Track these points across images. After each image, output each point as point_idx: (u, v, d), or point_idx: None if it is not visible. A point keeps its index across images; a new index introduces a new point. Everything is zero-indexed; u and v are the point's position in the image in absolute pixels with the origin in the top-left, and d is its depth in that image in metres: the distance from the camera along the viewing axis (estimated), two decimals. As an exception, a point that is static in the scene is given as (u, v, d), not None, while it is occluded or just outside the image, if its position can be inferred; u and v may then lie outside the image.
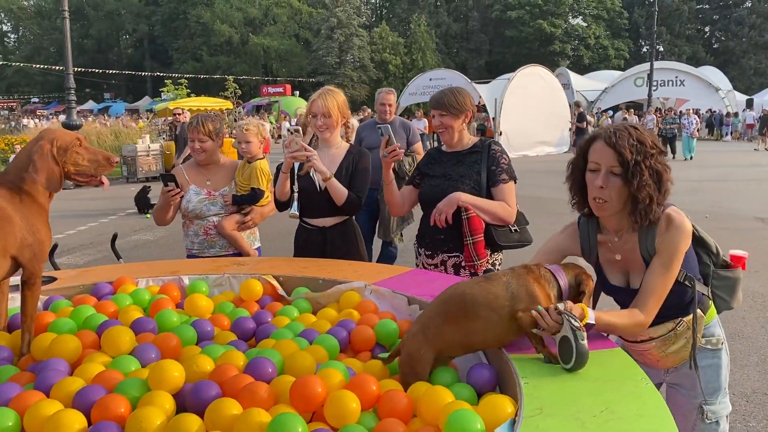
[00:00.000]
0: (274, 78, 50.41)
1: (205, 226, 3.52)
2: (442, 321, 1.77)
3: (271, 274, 2.62)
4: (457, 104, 2.95)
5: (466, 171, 2.95)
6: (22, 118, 34.33)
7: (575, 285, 1.83)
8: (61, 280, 2.61)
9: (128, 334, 1.86)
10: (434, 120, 3.02)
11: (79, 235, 9.23)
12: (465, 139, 3.03)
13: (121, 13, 59.01)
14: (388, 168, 2.98)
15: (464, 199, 2.81)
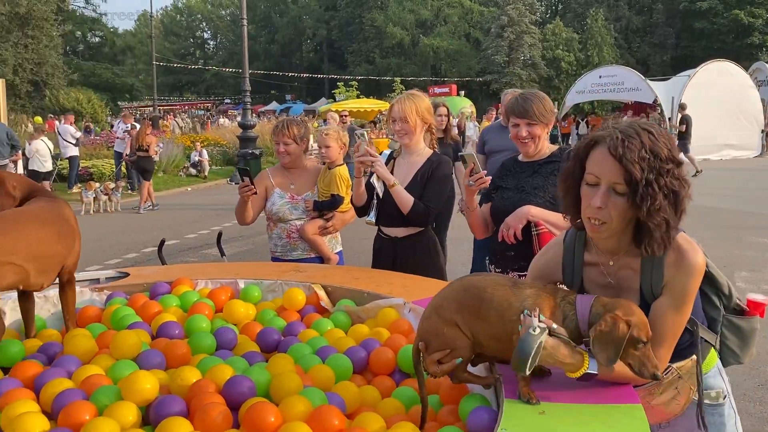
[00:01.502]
0: (443, 78, 50.67)
1: (288, 229, 3.58)
2: (456, 308, 1.62)
3: (321, 284, 2.57)
4: (546, 111, 2.71)
5: (541, 182, 2.69)
6: (219, 118, 37.79)
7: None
8: (132, 277, 2.77)
9: (135, 338, 1.90)
10: (519, 130, 2.76)
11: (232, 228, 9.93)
12: (545, 148, 2.78)
13: (303, 19, 62.82)
14: (472, 195, 2.79)
15: (534, 213, 2.56)
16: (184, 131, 26.70)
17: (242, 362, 1.92)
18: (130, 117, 14.97)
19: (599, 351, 1.47)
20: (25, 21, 37.20)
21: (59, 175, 14.97)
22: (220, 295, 2.51)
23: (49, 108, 33.96)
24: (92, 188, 12.16)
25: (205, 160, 17.80)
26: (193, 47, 72.64)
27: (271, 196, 3.62)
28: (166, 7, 74.78)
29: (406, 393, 1.85)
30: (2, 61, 36.13)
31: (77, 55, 53.53)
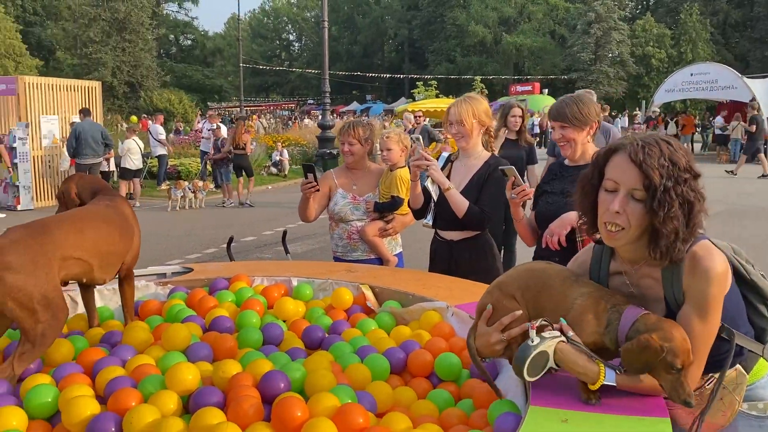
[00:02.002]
0: (525, 77, 49.77)
1: (349, 230, 3.65)
2: (517, 285, 1.69)
3: (369, 285, 2.63)
4: (581, 115, 2.66)
5: None
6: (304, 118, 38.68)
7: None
8: (195, 272, 2.93)
9: (185, 331, 2.02)
10: (554, 133, 2.76)
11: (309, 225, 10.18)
12: (589, 152, 2.71)
13: (385, 19, 63.29)
14: (517, 207, 2.77)
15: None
16: (267, 131, 27.51)
17: (285, 357, 2.01)
18: (215, 117, 15.59)
19: (629, 371, 1.48)
20: (123, 26, 39.47)
21: (149, 173, 15.80)
22: (273, 292, 2.61)
23: (144, 108, 35.89)
24: (181, 187, 12.76)
25: (286, 160, 18.30)
26: (279, 49, 74.62)
27: (334, 196, 3.70)
28: (254, 10, 77.19)
29: (441, 396, 1.88)
30: (102, 64, 38.48)
31: (170, 58, 56.24)
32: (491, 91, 46.06)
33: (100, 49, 38.69)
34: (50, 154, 13.31)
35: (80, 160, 12.09)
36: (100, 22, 38.74)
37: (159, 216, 12.06)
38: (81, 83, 14.78)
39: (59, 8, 42.48)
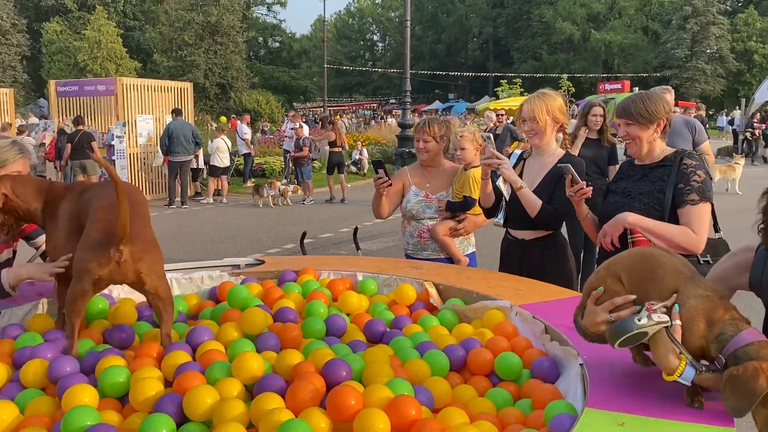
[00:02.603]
0: (615, 75, 48.08)
1: (420, 228, 3.64)
2: (625, 267, 1.67)
3: (433, 282, 2.64)
4: (646, 112, 2.56)
5: (648, 188, 2.56)
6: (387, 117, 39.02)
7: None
8: (266, 264, 3.02)
9: (263, 315, 2.11)
10: (620, 130, 2.67)
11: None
12: (656, 151, 2.62)
13: (470, 17, 62.76)
14: (579, 205, 2.74)
15: (631, 221, 2.44)
16: (348, 131, 27.93)
17: (346, 349, 2.04)
18: (298, 117, 15.97)
19: (729, 396, 1.39)
20: (215, 29, 41.06)
21: (236, 170, 16.39)
22: (338, 285, 2.66)
23: (233, 109, 37.25)
24: (276, 186, 13.11)
25: (365, 159, 18.50)
26: (362, 49, 75.50)
27: (407, 193, 3.71)
28: (340, 11, 78.38)
29: (499, 394, 1.87)
30: (195, 66, 40.20)
31: (258, 60, 58.00)
32: (578, 89, 44.76)
33: (193, 52, 40.42)
34: (145, 152, 14.04)
35: (172, 157, 12.72)
36: (193, 25, 40.49)
37: (244, 212, 12.49)
38: (174, 84, 15.53)
39: (157, 13, 44.70)
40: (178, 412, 1.60)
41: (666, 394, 1.54)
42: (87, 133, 12.55)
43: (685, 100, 39.54)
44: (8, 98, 17.77)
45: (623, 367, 1.72)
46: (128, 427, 1.60)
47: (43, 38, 40.28)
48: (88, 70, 35.84)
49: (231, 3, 41.88)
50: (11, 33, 39.99)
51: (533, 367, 1.96)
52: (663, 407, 1.48)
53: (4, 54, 39.42)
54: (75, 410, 1.51)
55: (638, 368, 1.70)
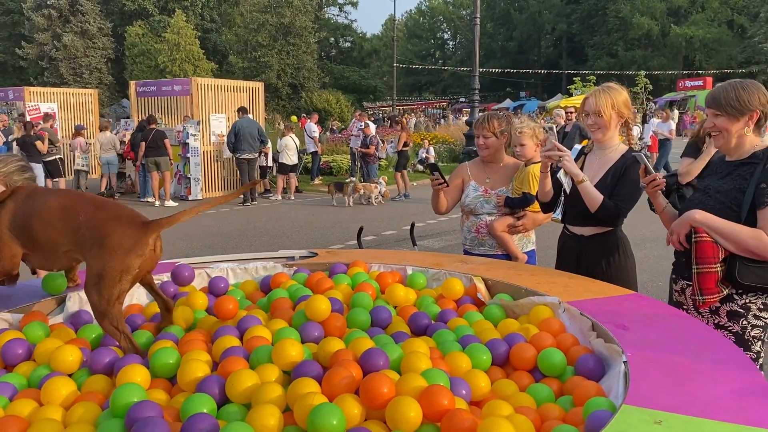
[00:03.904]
0: (696, 71, 46.04)
1: (478, 223, 3.63)
2: None
3: (482, 277, 2.62)
4: (737, 103, 2.37)
5: (727, 186, 2.40)
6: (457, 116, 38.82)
7: None
8: (320, 257, 3.08)
9: (326, 303, 2.16)
10: (708, 121, 2.53)
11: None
12: (745, 146, 2.44)
13: (543, 14, 61.55)
14: (655, 198, 2.66)
15: (698, 219, 2.32)
16: (417, 129, 27.93)
17: (388, 340, 2.06)
18: (364, 116, 16.13)
19: None
20: (288, 30, 41.92)
21: (304, 168, 16.71)
22: (387, 278, 2.68)
23: (304, 108, 37.89)
24: (359, 190, 13.07)
25: (431, 157, 18.46)
26: (433, 48, 75.32)
27: (466, 188, 3.71)
28: (411, 10, 78.58)
29: (541, 390, 1.84)
30: (268, 66, 41.20)
31: (330, 60, 58.78)
32: (657, 86, 43.16)
33: (266, 53, 41.42)
34: (218, 150, 14.52)
35: (238, 154, 13.08)
36: (267, 27, 41.48)
37: (310, 209, 12.71)
38: (246, 84, 15.99)
39: (233, 15, 46.05)
40: (220, 394, 1.67)
41: (709, 395, 1.49)
42: (160, 131, 13.09)
43: (773, 96, 37.32)
44: (93, 98, 18.81)
45: (668, 366, 1.67)
46: (173, 406, 1.67)
47: (126, 41, 42.22)
48: (168, 72, 37.33)
49: (303, 4, 42.63)
50: (98, 37, 42.12)
51: (578, 364, 1.92)
52: (705, 407, 1.43)
53: (91, 56, 41.57)
54: (123, 387, 1.59)
55: (683, 368, 1.65)
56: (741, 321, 2.36)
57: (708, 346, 1.81)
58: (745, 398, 1.47)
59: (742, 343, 2.37)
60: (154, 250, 1.92)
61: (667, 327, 1.98)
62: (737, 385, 1.54)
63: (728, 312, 2.37)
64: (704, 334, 1.91)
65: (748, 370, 1.63)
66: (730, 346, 1.81)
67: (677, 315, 2.10)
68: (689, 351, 1.77)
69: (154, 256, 1.93)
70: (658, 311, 2.15)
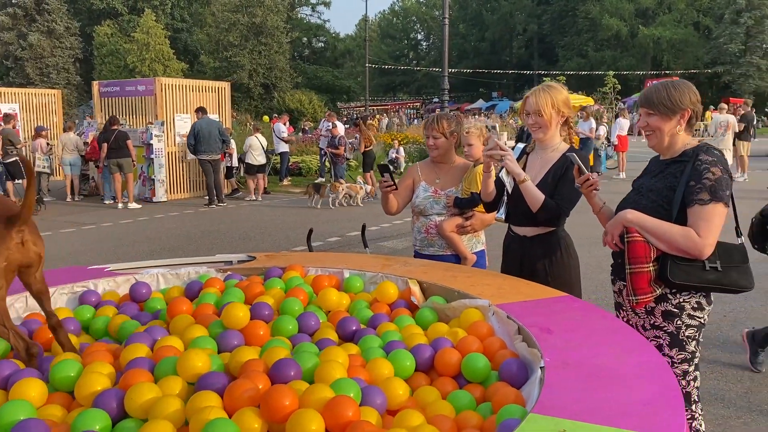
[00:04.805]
0: (664, 71, 46.69)
1: (428, 224, 3.59)
2: None
3: (417, 279, 2.56)
4: (670, 101, 2.37)
5: (659, 184, 2.39)
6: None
7: None
8: (258, 260, 3.00)
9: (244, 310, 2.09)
10: (640, 120, 2.52)
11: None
12: (677, 145, 2.43)
13: (514, 15, 61.99)
14: (591, 198, 2.63)
15: (630, 218, 2.30)
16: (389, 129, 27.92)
17: (311, 347, 1.99)
18: (333, 116, 16.03)
19: None
20: (260, 30, 41.58)
21: (273, 169, 16.55)
22: (323, 282, 2.61)
23: (277, 108, 37.62)
24: (336, 189, 12.76)
25: (401, 157, 18.44)
26: (407, 48, 75.38)
27: (417, 189, 3.67)
28: (384, 11, 78.53)
29: (463, 397, 1.79)
30: (240, 66, 40.82)
31: (303, 60, 58.44)
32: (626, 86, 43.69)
33: (238, 53, 41.01)
34: (183, 151, 14.29)
35: (200, 156, 12.87)
36: (239, 26, 41.09)
37: (278, 210, 12.58)
38: (212, 84, 15.77)
39: (204, 15, 45.52)
40: (120, 408, 1.58)
41: (621, 401, 1.45)
42: (122, 132, 12.84)
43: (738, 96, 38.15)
44: (56, 99, 18.41)
45: (585, 371, 1.63)
46: (68, 422, 1.58)
47: (95, 41, 41.49)
48: (137, 72, 36.75)
49: (275, 4, 42.33)
50: (65, 36, 41.29)
51: (501, 370, 1.88)
52: (613, 415, 1.38)
53: (58, 56, 40.73)
54: (9, 404, 1.50)
55: (600, 373, 1.60)
56: (675, 321, 2.34)
57: (630, 351, 1.77)
58: (655, 405, 1.43)
59: (677, 343, 2.35)
60: (22, 243, 1.81)
61: (592, 330, 1.95)
62: (650, 392, 1.50)
63: (663, 312, 2.35)
64: (628, 338, 1.87)
65: (664, 376, 1.59)
66: (651, 350, 1.77)
67: (605, 318, 2.07)
68: (610, 355, 1.74)
69: (24, 250, 1.82)
70: (587, 314, 2.11)
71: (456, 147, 3.71)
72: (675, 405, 1.44)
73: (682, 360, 2.34)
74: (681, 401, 1.45)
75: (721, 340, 4.86)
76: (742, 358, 4.48)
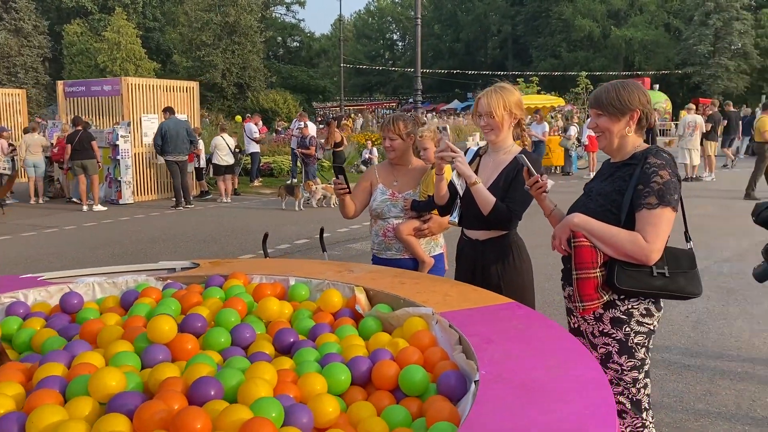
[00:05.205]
0: (635, 72, 47.25)
1: (385, 227, 3.51)
2: None
3: (364, 286, 2.48)
4: (619, 102, 2.32)
5: (608, 188, 2.34)
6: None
7: None
8: (201, 268, 2.89)
9: (170, 323, 1.96)
10: (590, 121, 2.47)
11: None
12: (627, 147, 2.38)
13: (489, 16, 62.25)
14: (541, 200, 2.57)
15: (576, 222, 2.25)
16: (363, 129, 27.81)
17: (242, 362, 1.88)
18: (304, 116, 15.87)
19: None
20: (233, 29, 41.16)
21: (244, 169, 16.34)
22: (266, 290, 2.51)
23: (251, 108, 37.25)
24: (310, 188, 12.62)
25: (375, 157, 18.37)
26: (382, 48, 75.30)
27: (374, 191, 3.59)
28: (360, 10, 78.36)
29: (399, 413, 1.70)
30: (213, 66, 40.37)
31: (277, 59, 58.08)
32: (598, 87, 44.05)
33: (211, 52, 40.54)
34: (150, 152, 14.04)
35: (167, 157, 12.64)
36: (212, 26, 40.64)
37: (245, 212, 12.41)
38: (181, 84, 15.50)
39: (177, 14, 44.94)
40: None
41: (550, 417, 1.37)
42: (87, 133, 12.56)
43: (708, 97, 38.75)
44: (21, 99, 17.99)
45: (519, 385, 1.55)
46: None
47: (65, 40, 40.74)
48: (108, 71, 36.14)
49: (249, 3, 41.95)
50: (33, 35, 40.47)
51: (439, 383, 1.80)
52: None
53: (26, 56, 39.91)
54: None
55: (534, 386, 1.53)
56: (624, 327, 2.28)
57: (569, 362, 1.70)
58: (585, 421, 1.37)
59: (626, 351, 2.29)
60: None
61: (532, 340, 1.88)
62: (581, 406, 1.44)
63: (611, 319, 2.29)
64: (568, 348, 1.80)
65: (599, 390, 1.53)
66: (590, 362, 1.70)
67: (548, 327, 2.00)
68: (547, 367, 1.66)
69: None
70: (531, 322, 2.04)
71: (414, 149, 3.64)
72: (607, 422, 1.37)
73: (631, 367, 2.29)
74: (614, 418, 1.39)
75: (683, 342, 4.85)
76: (703, 360, 4.47)
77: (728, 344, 4.79)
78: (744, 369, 4.31)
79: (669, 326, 5.17)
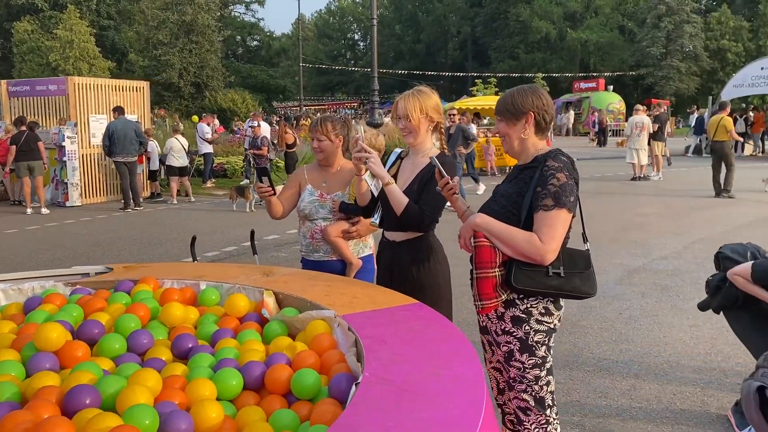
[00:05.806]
0: (591, 73, 48.21)
1: (313, 229, 3.50)
2: None
3: (273, 290, 2.47)
4: (512, 106, 2.39)
5: (511, 190, 2.39)
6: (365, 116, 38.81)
7: None
8: (114, 272, 2.84)
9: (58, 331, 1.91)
10: (495, 127, 2.52)
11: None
12: (529, 150, 2.43)
13: (448, 17, 62.72)
14: (454, 201, 2.60)
15: (478, 222, 2.29)
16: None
17: (133, 368, 1.86)
18: (258, 116, 15.73)
19: None
20: (191, 28, 40.58)
21: (196, 170, 16.12)
22: (173, 296, 2.47)
23: (209, 108, 36.78)
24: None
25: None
26: (344, 48, 75.18)
27: (303, 192, 3.57)
28: (320, 10, 78.12)
29: (287, 417, 1.70)
30: (170, 65, 39.73)
31: (236, 59, 57.51)
32: (555, 88, 44.89)
33: (168, 51, 39.90)
34: (99, 153, 13.74)
35: (115, 158, 12.39)
36: (168, 24, 40.00)
37: (195, 214, 12.24)
38: (130, 83, 15.18)
39: (133, 12, 44.12)
40: None
41: (420, 421, 1.39)
42: (33, 134, 12.24)
43: (660, 98, 39.76)
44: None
45: (396, 387, 1.56)
46: None
47: (14, 38, 39.61)
48: (61, 70, 35.26)
49: (207, 2, 41.41)
50: (-20, 32, 39.32)
51: (330, 386, 1.80)
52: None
53: (-27, 54, 38.76)
54: None
55: (411, 389, 1.55)
56: (524, 326, 2.32)
57: (452, 363, 1.72)
58: (453, 426, 1.38)
59: (527, 349, 2.33)
60: None
61: (426, 341, 1.89)
62: (454, 408, 1.45)
63: (512, 317, 2.33)
64: (457, 349, 1.83)
65: (474, 391, 1.55)
66: (472, 362, 1.73)
67: (444, 327, 2.02)
68: (430, 368, 1.68)
69: None
70: (429, 323, 2.06)
71: (344, 151, 3.64)
72: (471, 424, 1.39)
73: (533, 365, 2.33)
74: (477, 420, 1.41)
75: (614, 338, 4.96)
76: (631, 355, 4.58)
77: (657, 339, 4.91)
78: (669, 363, 4.44)
79: (602, 323, 5.29)
